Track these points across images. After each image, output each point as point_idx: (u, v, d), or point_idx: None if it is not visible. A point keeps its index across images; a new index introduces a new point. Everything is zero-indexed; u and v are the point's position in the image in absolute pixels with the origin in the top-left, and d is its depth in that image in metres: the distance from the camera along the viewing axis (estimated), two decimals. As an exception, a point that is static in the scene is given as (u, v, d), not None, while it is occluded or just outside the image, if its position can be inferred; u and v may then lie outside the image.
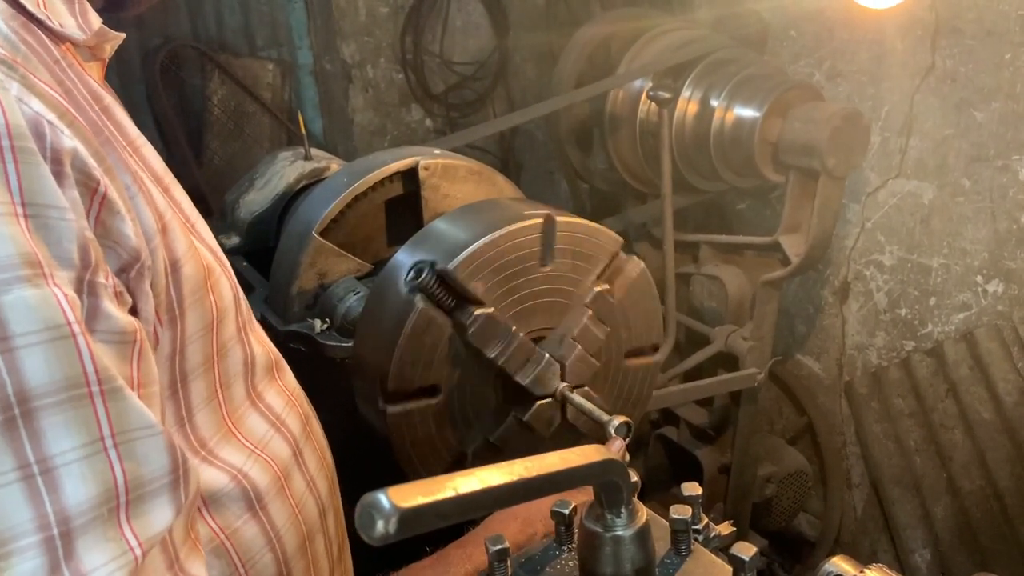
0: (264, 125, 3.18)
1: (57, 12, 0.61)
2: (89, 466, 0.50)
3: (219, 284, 0.68)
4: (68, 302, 0.50)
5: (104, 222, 0.55)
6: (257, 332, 0.78)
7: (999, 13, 1.92)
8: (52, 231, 0.51)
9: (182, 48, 3.02)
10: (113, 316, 0.54)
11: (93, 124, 0.59)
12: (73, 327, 0.50)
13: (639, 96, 2.19)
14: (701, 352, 2.25)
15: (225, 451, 0.69)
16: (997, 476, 2.08)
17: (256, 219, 1.70)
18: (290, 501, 0.74)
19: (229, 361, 0.70)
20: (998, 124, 1.98)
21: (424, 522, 0.43)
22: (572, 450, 0.56)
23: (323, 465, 0.82)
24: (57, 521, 0.49)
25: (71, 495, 0.49)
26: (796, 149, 1.91)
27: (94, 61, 0.69)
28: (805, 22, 2.29)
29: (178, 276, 0.62)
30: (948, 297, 2.18)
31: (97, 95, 0.64)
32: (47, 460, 0.49)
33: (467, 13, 3.29)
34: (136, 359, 0.56)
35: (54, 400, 0.49)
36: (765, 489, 2.40)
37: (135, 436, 0.53)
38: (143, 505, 0.54)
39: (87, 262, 0.52)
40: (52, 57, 0.60)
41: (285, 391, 0.80)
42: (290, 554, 0.73)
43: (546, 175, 3.37)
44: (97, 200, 0.54)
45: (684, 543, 0.69)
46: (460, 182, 1.38)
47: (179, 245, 0.63)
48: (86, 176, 0.53)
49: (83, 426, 0.50)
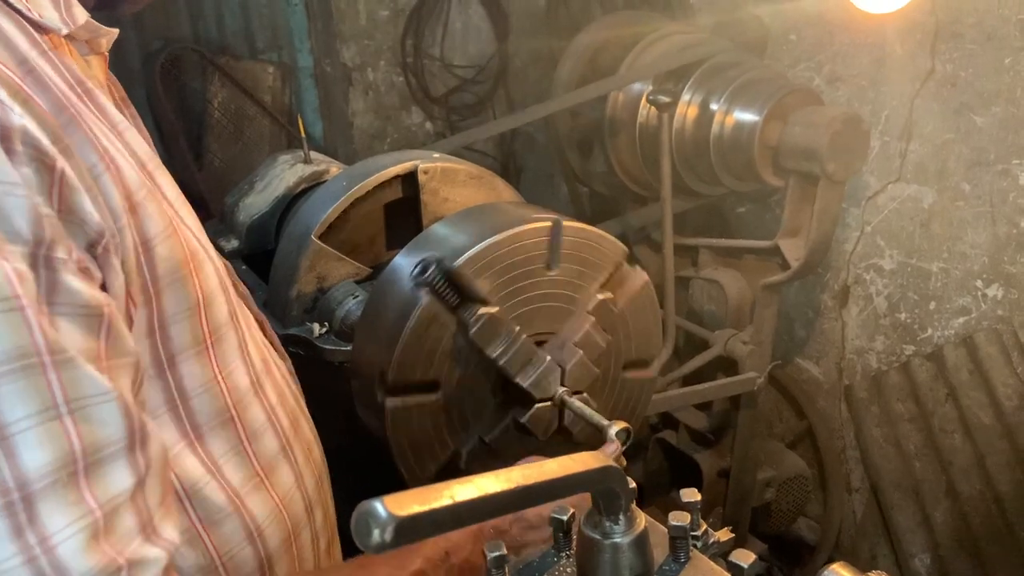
0: (264, 128, 3.18)
1: (37, 3, 0.62)
2: (45, 432, 0.52)
3: (203, 268, 0.69)
4: (17, 276, 0.51)
5: (66, 199, 0.55)
6: (251, 323, 0.79)
7: (999, 18, 1.92)
8: (1, 207, 0.51)
9: (183, 51, 3.03)
10: (76, 290, 0.55)
11: (56, 103, 0.59)
12: (21, 300, 0.51)
13: (639, 100, 2.19)
14: (701, 356, 2.25)
15: (213, 443, 0.70)
16: (997, 480, 2.08)
17: (255, 222, 1.70)
18: (273, 496, 0.74)
19: (225, 347, 0.71)
20: (998, 128, 1.98)
21: (421, 530, 0.43)
22: (570, 457, 0.56)
23: (310, 460, 0.82)
24: (17, 486, 0.50)
25: (28, 460, 0.51)
26: (796, 153, 1.91)
27: (92, 55, 0.70)
28: (805, 26, 2.30)
29: (151, 255, 0.63)
30: (948, 301, 2.18)
31: (79, 79, 0.64)
32: (2, 428, 0.50)
33: (467, 16, 3.29)
34: (104, 332, 0.57)
35: (6, 369, 0.50)
36: (765, 493, 2.40)
37: (89, 403, 0.54)
38: (101, 468, 0.55)
39: (40, 237, 0.53)
40: (32, 40, 0.61)
41: (279, 384, 0.81)
42: (272, 548, 0.73)
43: (546, 178, 3.37)
44: (56, 176, 0.55)
45: (682, 550, 0.69)
46: (459, 186, 1.38)
47: (152, 225, 0.63)
48: (40, 152, 0.54)
49: (35, 394, 0.51)
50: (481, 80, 3.34)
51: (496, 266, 1.06)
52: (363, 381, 1.11)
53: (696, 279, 2.40)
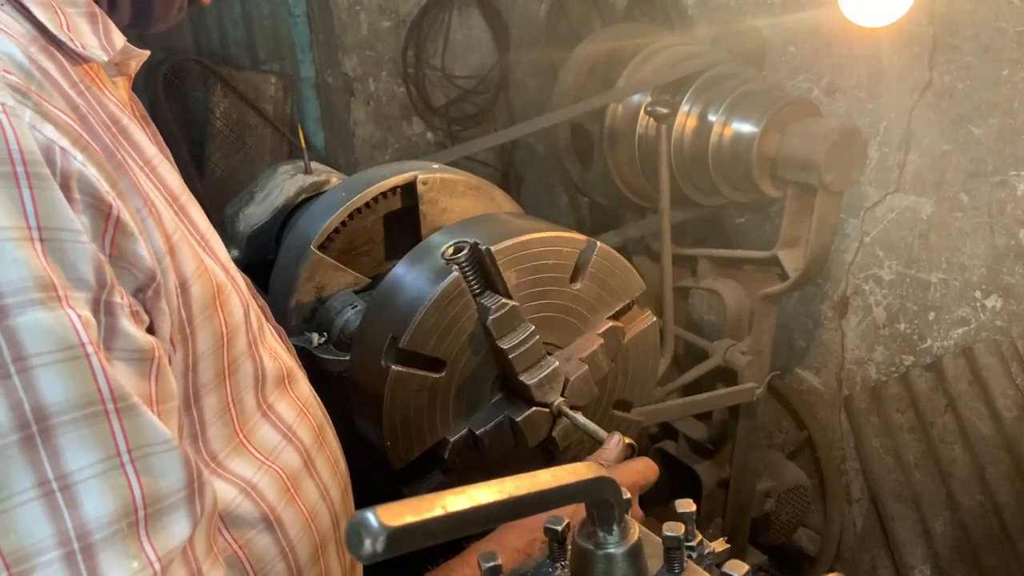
0: (266, 138, 3.19)
1: (80, 33, 0.62)
2: (106, 481, 0.51)
3: (229, 301, 0.69)
4: (82, 323, 0.51)
5: (119, 244, 0.56)
6: (268, 344, 0.79)
7: (997, 30, 1.93)
8: (67, 254, 0.52)
9: (185, 61, 3.04)
10: (131, 334, 0.55)
11: (107, 148, 0.60)
12: (87, 347, 0.51)
13: (638, 111, 2.20)
14: (700, 366, 2.25)
15: (235, 463, 0.70)
16: (996, 491, 2.08)
17: (255, 232, 1.70)
18: (303, 511, 0.74)
19: (240, 376, 0.71)
20: (996, 140, 1.99)
21: (412, 541, 0.43)
22: (563, 467, 0.56)
23: (336, 474, 0.82)
24: (77, 536, 0.50)
25: (90, 510, 0.50)
26: (794, 164, 1.92)
27: (120, 76, 0.70)
28: (804, 38, 2.31)
29: (187, 296, 0.63)
30: (947, 312, 2.18)
31: (115, 117, 0.65)
32: (65, 477, 0.50)
33: (468, 28, 3.31)
34: (155, 376, 0.58)
35: (70, 418, 0.50)
36: (764, 504, 2.39)
37: (151, 451, 0.54)
38: (161, 519, 0.55)
39: (103, 283, 0.54)
40: (70, 81, 0.61)
41: (297, 402, 0.80)
42: (303, 562, 0.73)
43: (547, 188, 3.38)
44: (111, 223, 0.55)
45: (677, 560, 0.69)
46: (459, 196, 1.39)
47: (187, 266, 0.64)
48: (97, 200, 0.54)
49: (99, 442, 0.51)
50: (482, 91, 3.36)
51: (527, 263, 1.08)
52: (369, 348, 1.10)
53: (695, 289, 2.41)
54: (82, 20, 0.63)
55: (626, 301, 1.18)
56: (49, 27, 0.60)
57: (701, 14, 2.53)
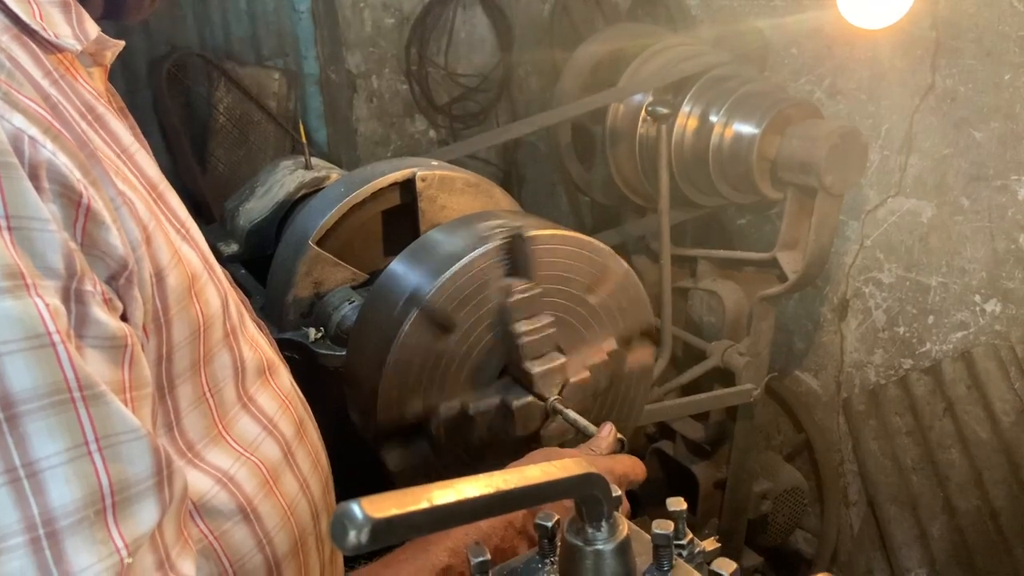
0: (269, 133, 3.19)
1: (53, 22, 0.62)
2: (74, 469, 0.51)
3: (205, 291, 0.69)
4: (50, 312, 0.51)
5: (90, 232, 0.56)
6: (248, 335, 0.79)
7: (999, 34, 1.93)
8: (35, 243, 0.52)
9: (188, 56, 3.04)
10: (102, 322, 0.55)
11: (79, 137, 0.60)
12: (53, 336, 0.51)
13: (639, 111, 2.20)
14: (698, 367, 2.25)
15: (213, 454, 0.70)
16: (994, 495, 2.08)
17: (255, 227, 1.70)
18: (281, 503, 0.74)
19: (216, 365, 0.71)
20: (997, 144, 1.99)
21: (397, 533, 0.43)
22: (553, 463, 0.56)
23: (317, 467, 0.82)
24: (43, 522, 0.50)
25: (56, 497, 0.51)
26: (794, 166, 1.92)
27: (95, 67, 0.70)
28: (806, 40, 2.31)
29: (163, 286, 0.64)
30: (946, 316, 2.18)
31: (90, 105, 0.64)
32: (32, 464, 0.50)
33: (472, 26, 3.31)
34: (127, 363, 0.58)
35: (37, 406, 0.50)
36: (761, 505, 2.39)
37: (119, 440, 0.54)
38: (130, 507, 0.55)
39: (72, 271, 0.54)
40: (43, 70, 0.61)
41: (279, 394, 0.80)
42: (281, 555, 0.73)
43: (548, 187, 3.38)
44: (82, 211, 0.55)
45: (666, 558, 0.69)
46: (457, 194, 1.39)
47: (163, 255, 0.64)
48: (67, 188, 0.55)
49: (66, 430, 0.51)
50: (484, 89, 3.36)
51: (555, 257, 1.08)
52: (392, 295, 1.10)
53: (694, 290, 2.41)
54: (55, 9, 0.63)
55: (633, 330, 1.18)
56: (21, 16, 0.60)
57: (704, 15, 2.53)
